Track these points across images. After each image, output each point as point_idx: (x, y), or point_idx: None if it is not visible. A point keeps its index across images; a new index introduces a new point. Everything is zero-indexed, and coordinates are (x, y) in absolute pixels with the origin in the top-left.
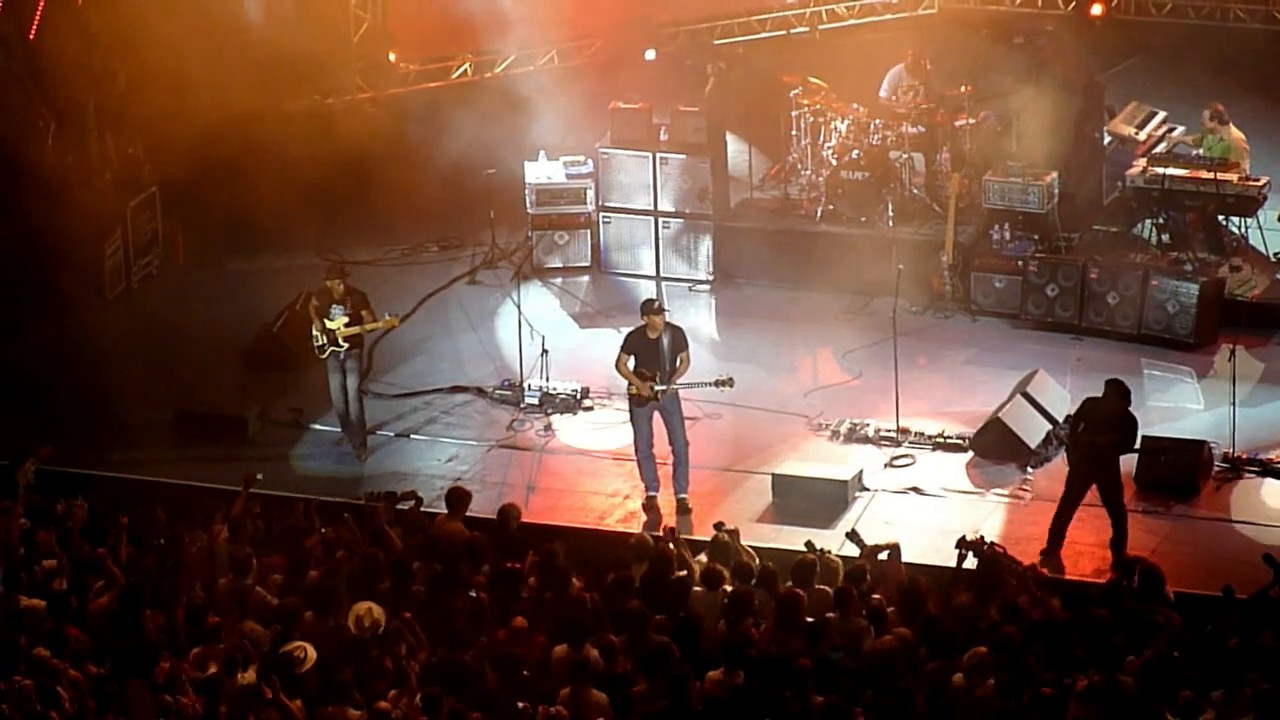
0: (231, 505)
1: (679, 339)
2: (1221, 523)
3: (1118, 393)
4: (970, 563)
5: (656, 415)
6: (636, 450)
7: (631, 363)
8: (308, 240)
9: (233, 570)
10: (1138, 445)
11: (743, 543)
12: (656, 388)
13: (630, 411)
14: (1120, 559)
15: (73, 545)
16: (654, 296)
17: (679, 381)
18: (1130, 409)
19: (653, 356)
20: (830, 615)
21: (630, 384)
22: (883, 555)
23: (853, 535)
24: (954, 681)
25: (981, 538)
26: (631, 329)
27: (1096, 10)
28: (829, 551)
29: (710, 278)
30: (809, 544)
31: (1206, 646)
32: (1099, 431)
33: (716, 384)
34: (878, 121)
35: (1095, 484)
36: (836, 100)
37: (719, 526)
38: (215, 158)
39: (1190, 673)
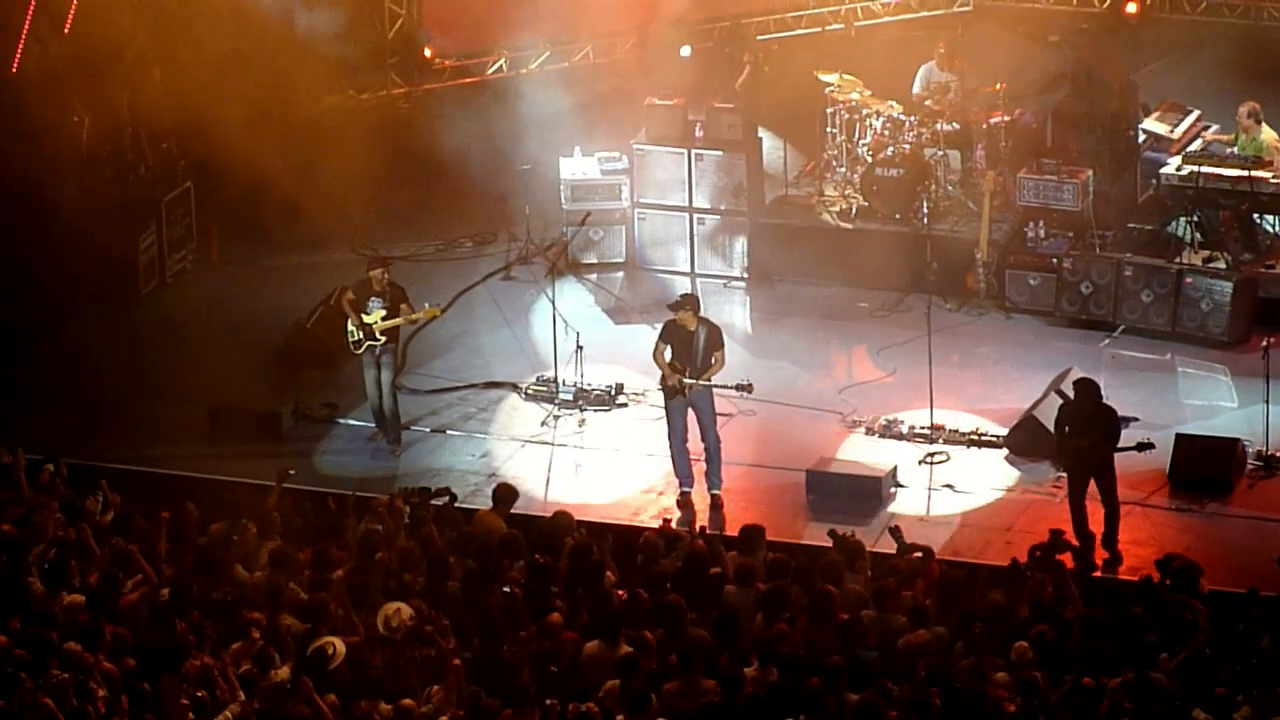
0: (264, 501)
1: (715, 337)
2: (1255, 520)
3: (1088, 391)
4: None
5: (690, 410)
6: (670, 444)
7: (668, 353)
8: (342, 236)
9: (271, 565)
10: (1134, 443)
11: (771, 539)
12: (685, 381)
13: (665, 405)
14: (1114, 552)
15: (107, 541)
16: (689, 292)
17: (705, 379)
18: (1104, 403)
19: (686, 350)
20: (866, 613)
21: (662, 374)
22: (916, 555)
23: (894, 531)
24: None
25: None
26: (669, 319)
27: (1131, 8)
28: (851, 533)
29: (745, 274)
30: (831, 532)
31: (1239, 645)
32: (1082, 433)
33: (737, 388)
34: (913, 119)
35: (1093, 481)
36: (871, 97)
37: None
38: (249, 153)
39: (1223, 671)
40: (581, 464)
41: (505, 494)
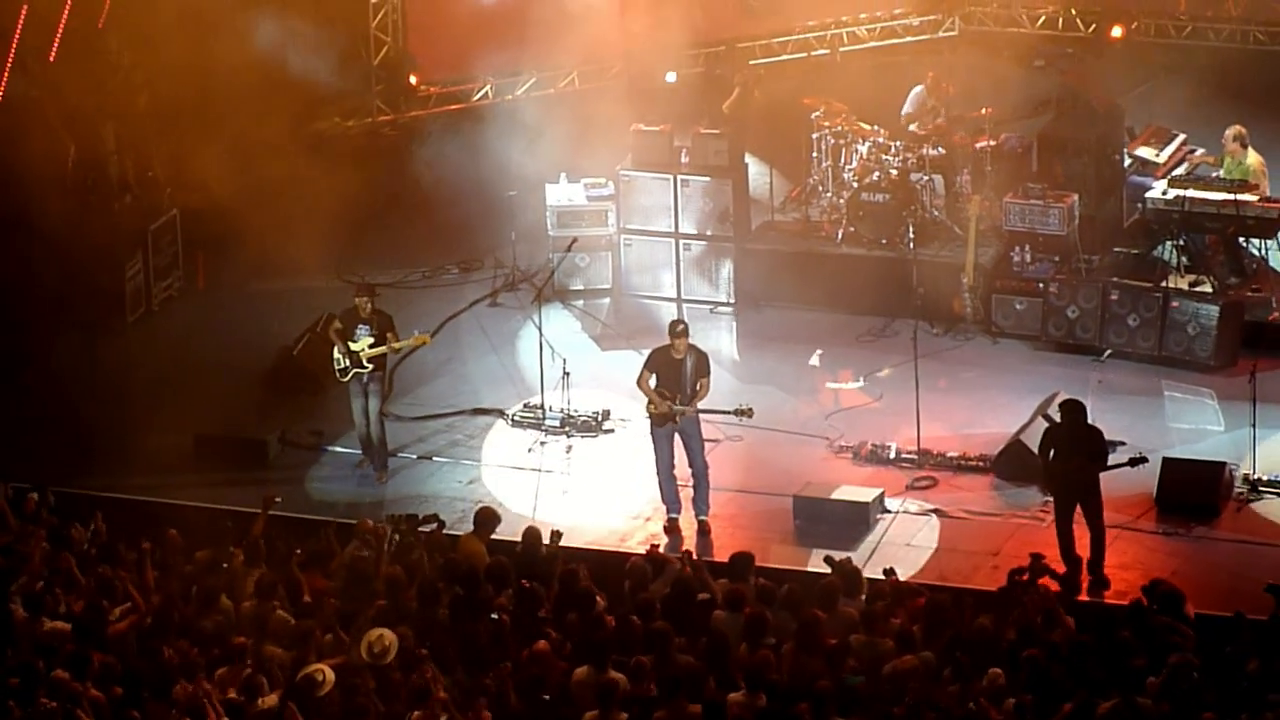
0: (250, 528)
1: (702, 364)
2: (1242, 544)
3: (1074, 413)
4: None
5: (677, 437)
6: (658, 471)
7: (653, 381)
8: (328, 263)
9: (256, 594)
10: (1127, 459)
11: (763, 564)
12: (675, 408)
13: (651, 432)
14: (1099, 576)
15: (92, 568)
16: (682, 319)
17: (698, 406)
18: (1091, 424)
19: (674, 377)
20: (855, 637)
21: (650, 402)
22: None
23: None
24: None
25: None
26: (656, 348)
27: (1117, 33)
28: (848, 560)
29: (731, 300)
30: (827, 558)
31: (1226, 669)
32: (1068, 455)
33: (736, 413)
34: (898, 144)
35: (1079, 505)
36: (857, 122)
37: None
38: (235, 180)
39: (1209, 695)
40: (568, 490)
41: (486, 518)
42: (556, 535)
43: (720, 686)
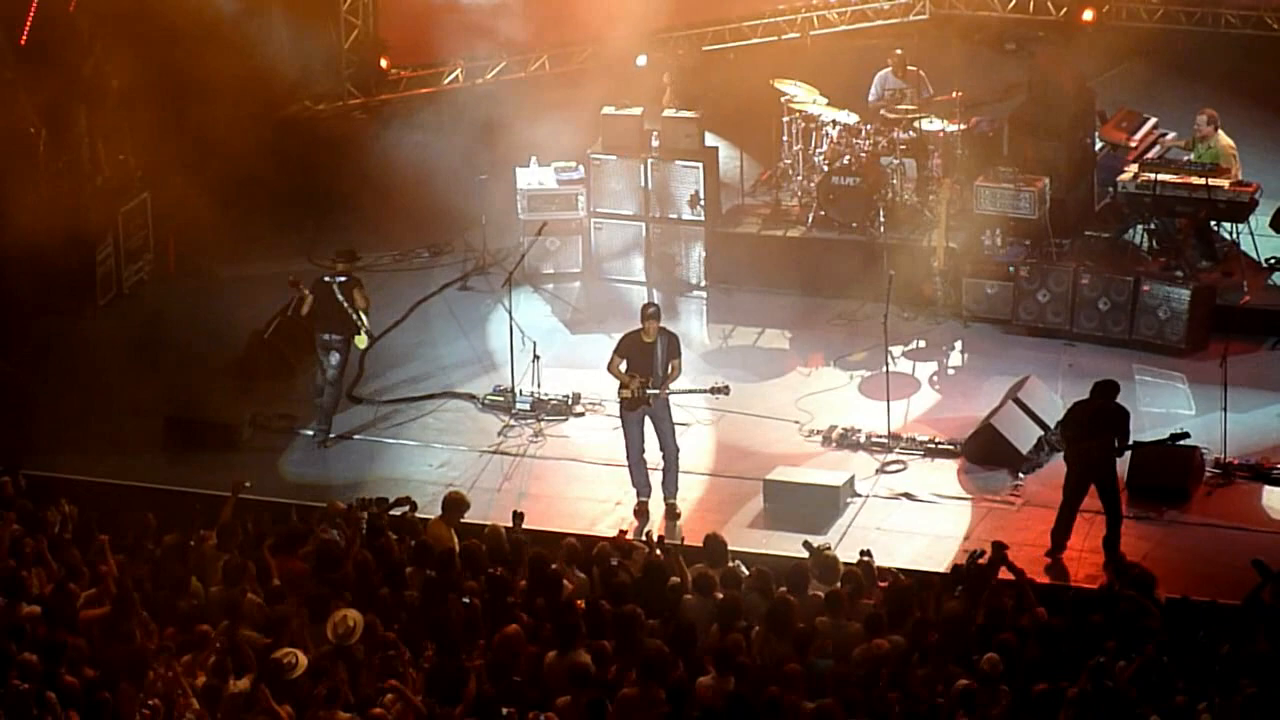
0: (219, 512)
1: (673, 345)
2: (1213, 528)
3: (1106, 392)
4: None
5: (648, 421)
6: (628, 455)
7: (624, 366)
8: (299, 247)
9: (224, 579)
10: (1169, 434)
11: (735, 548)
12: (649, 391)
13: (621, 416)
14: (1114, 558)
15: (63, 552)
16: (653, 301)
17: (673, 387)
18: (1119, 404)
19: (646, 361)
20: (820, 620)
21: (621, 386)
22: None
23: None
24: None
25: (982, 552)
26: (626, 332)
27: (1088, 16)
28: (828, 548)
29: (702, 284)
30: (806, 543)
31: (1198, 653)
32: (1094, 433)
33: (712, 390)
34: (869, 127)
35: (1094, 485)
36: (828, 106)
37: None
38: (206, 164)
39: (1180, 679)
40: (538, 474)
41: (455, 502)
42: (518, 517)
43: (688, 670)
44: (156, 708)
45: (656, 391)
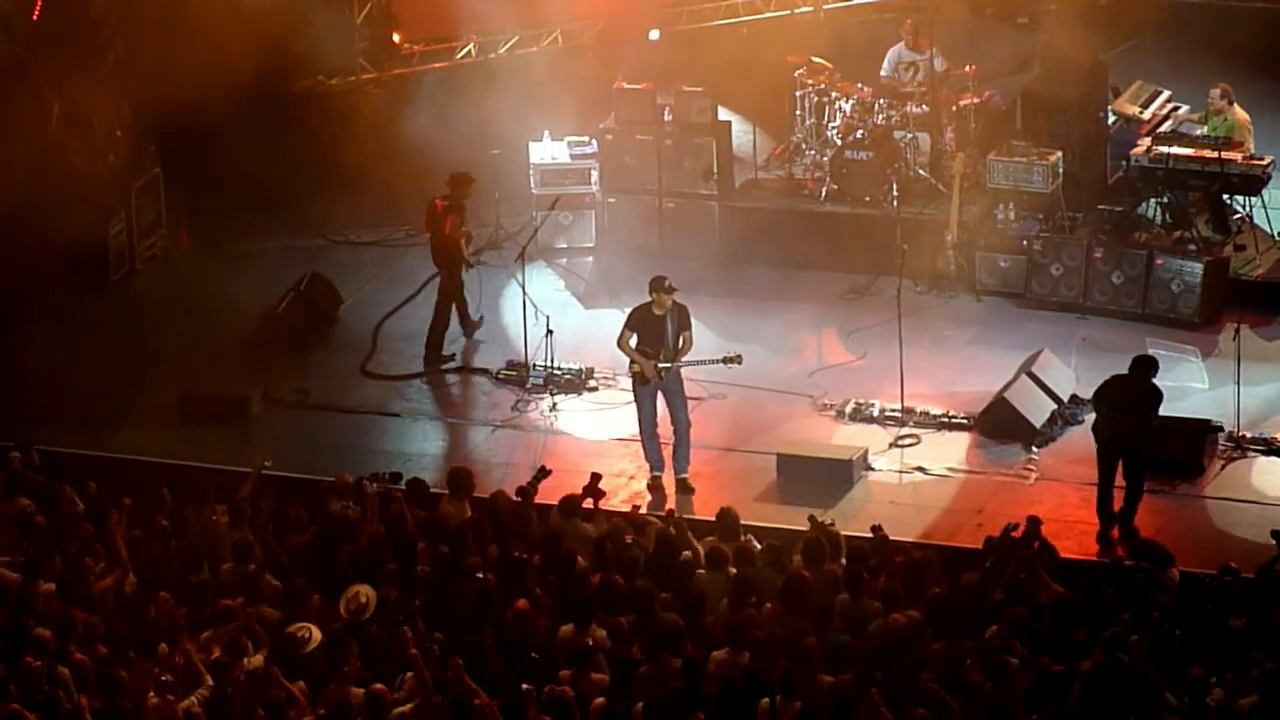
0: (236, 489)
1: (683, 318)
2: (1226, 502)
3: (1145, 367)
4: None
5: (660, 395)
6: (640, 430)
7: (634, 340)
8: (312, 221)
9: (234, 556)
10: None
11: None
12: (660, 365)
13: (634, 390)
14: (1129, 533)
15: (77, 528)
16: (664, 275)
17: (686, 359)
18: (1155, 383)
19: (657, 334)
20: (842, 596)
21: (633, 362)
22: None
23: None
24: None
25: (1016, 525)
26: (635, 306)
27: None
28: (831, 523)
29: (715, 258)
30: (811, 518)
31: (1209, 626)
32: (1128, 409)
33: (725, 361)
34: (882, 101)
35: (1122, 460)
36: (841, 80)
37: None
38: (220, 140)
39: (1193, 653)
40: (551, 449)
41: (460, 478)
42: (544, 472)
43: (700, 645)
44: (170, 684)
45: (669, 365)
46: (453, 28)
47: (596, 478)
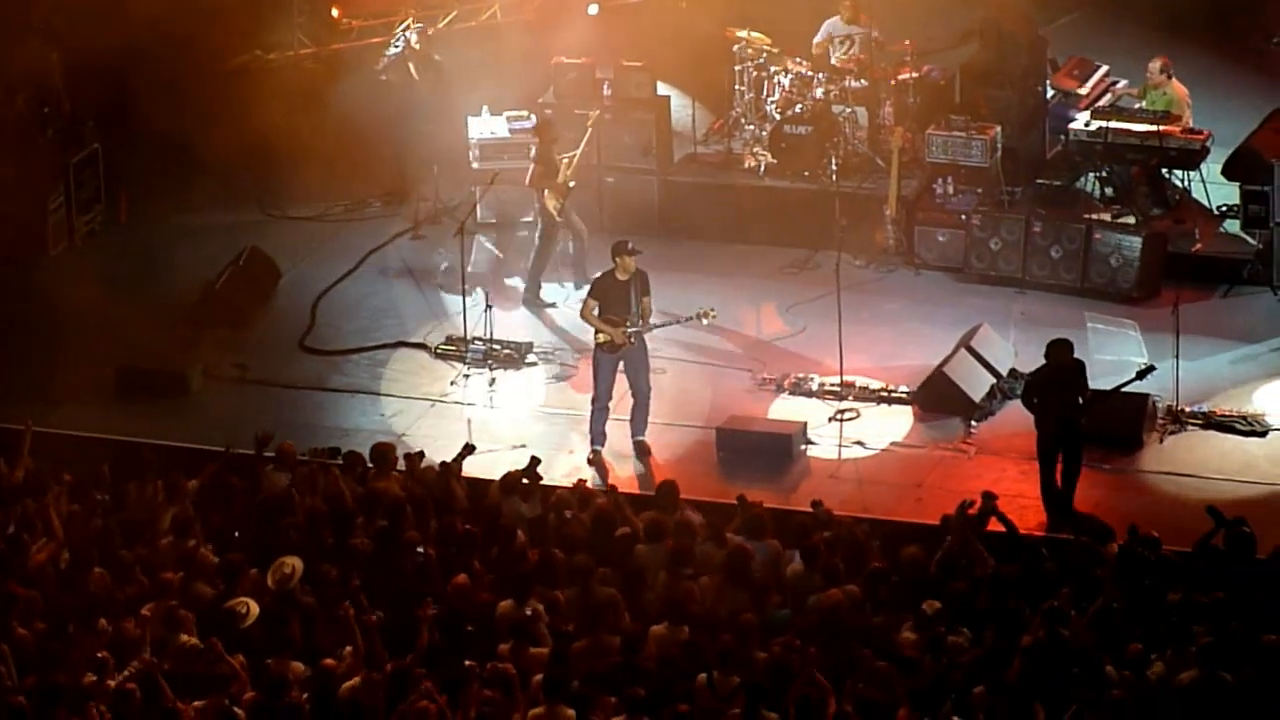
0: (176, 464)
1: (643, 283)
2: (1164, 476)
3: (1064, 351)
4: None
5: (621, 364)
6: (594, 400)
7: (597, 310)
8: (250, 196)
9: (173, 531)
10: (1135, 373)
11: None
12: (629, 330)
13: (595, 361)
14: (1067, 510)
15: (15, 503)
16: (625, 238)
17: (653, 322)
18: (1077, 358)
19: (622, 301)
20: (794, 566)
21: (598, 332)
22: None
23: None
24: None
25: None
26: (598, 274)
27: None
28: (759, 505)
29: (653, 233)
30: (740, 498)
31: (1147, 601)
32: (1063, 392)
33: (698, 316)
34: (821, 76)
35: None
36: (780, 54)
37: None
38: (158, 115)
39: (1133, 628)
40: (491, 423)
41: (383, 453)
42: (469, 449)
43: (639, 620)
44: (106, 660)
45: (638, 328)
46: (392, 3)
47: (535, 461)
